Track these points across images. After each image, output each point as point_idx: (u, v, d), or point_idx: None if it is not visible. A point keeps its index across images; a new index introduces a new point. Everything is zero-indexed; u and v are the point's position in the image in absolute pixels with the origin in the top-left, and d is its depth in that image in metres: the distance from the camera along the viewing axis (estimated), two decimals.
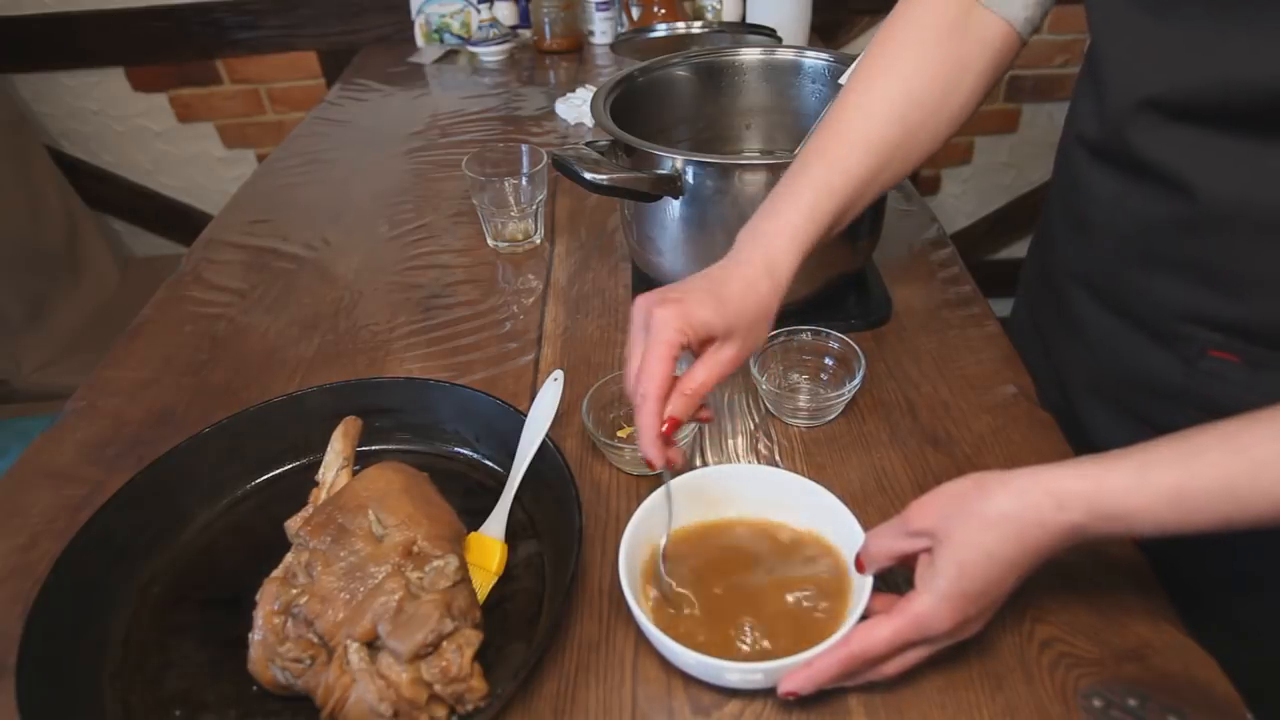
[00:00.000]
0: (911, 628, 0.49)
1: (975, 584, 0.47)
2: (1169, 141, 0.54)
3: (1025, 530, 0.46)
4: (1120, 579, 0.59)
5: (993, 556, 0.47)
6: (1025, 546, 0.47)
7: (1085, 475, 0.46)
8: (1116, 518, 0.45)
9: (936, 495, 0.50)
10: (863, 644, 0.49)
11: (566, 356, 0.83)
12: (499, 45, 1.66)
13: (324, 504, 0.59)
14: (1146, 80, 0.54)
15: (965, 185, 2.18)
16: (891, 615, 0.49)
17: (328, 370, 0.83)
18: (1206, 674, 0.53)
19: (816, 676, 0.49)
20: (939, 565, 0.48)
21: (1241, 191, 0.52)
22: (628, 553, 0.55)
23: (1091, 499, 0.45)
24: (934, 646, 0.50)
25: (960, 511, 0.48)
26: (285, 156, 1.30)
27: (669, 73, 0.92)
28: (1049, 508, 0.46)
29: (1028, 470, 0.48)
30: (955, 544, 0.48)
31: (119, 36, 1.85)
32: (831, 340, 0.76)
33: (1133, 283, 0.62)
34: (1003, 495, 0.47)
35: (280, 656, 0.52)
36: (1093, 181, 0.63)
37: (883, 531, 0.53)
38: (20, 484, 0.72)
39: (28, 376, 1.62)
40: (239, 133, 2.01)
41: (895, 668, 0.51)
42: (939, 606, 0.48)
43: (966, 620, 0.49)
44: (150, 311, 0.94)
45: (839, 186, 0.61)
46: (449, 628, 0.51)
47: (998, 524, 0.47)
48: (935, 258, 0.95)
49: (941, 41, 0.63)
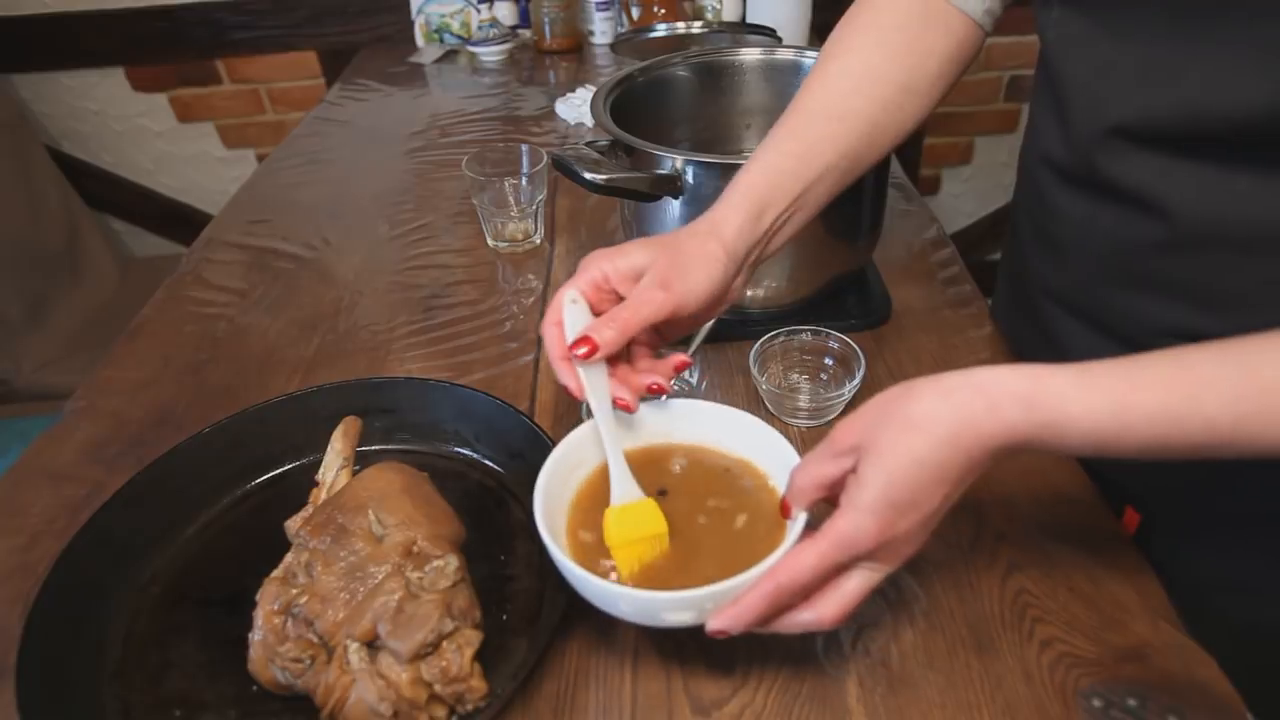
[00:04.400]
0: (835, 547, 0.45)
1: (902, 493, 0.44)
2: (1140, 166, 0.54)
3: (957, 432, 0.43)
4: (1120, 579, 0.59)
5: (920, 462, 0.43)
6: (956, 451, 0.43)
7: (1022, 375, 0.43)
8: (1053, 424, 0.42)
9: (862, 408, 0.47)
10: (788, 573, 0.45)
11: None
12: (499, 45, 1.66)
13: (324, 504, 0.59)
14: (1112, 106, 0.54)
15: (965, 185, 2.18)
16: (815, 538, 0.45)
17: (328, 370, 0.83)
18: (1206, 674, 0.53)
19: (743, 614, 0.46)
20: (863, 476, 0.45)
21: (1216, 212, 0.51)
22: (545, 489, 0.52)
23: (1027, 400, 0.42)
24: (871, 573, 0.47)
25: (887, 418, 0.45)
26: (285, 156, 1.30)
27: (669, 73, 0.92)
28: (981, 407, 0.43)
29: (963, 370, 0.45)
30: (880, 451, 0.44)
31: (119, 36, 1.85)
32: (831, 340, 0.76)
33: (1110, 301, 0.61)
34: (931, 396, 0.44)
35: (280, 656, 0.52)
36: (1062, 202, 0.63)
37: (808, 459, 0.49)
38: (20, 484, 0.72)
39: (28, 376, 1.62)
40: (239, 133, 2.01)
41: (835, 608, 0.47)
42: (862, 520, 0.44)
43: (896, 536, 0.45)
44: (150, 311, 0.94)
45: (791, 150, 0.59)
46: (449, 628, 0.51)
47: (925, 426, 0.43)
48: (935, 258, 0.95)
49: (901, 27, 0.62)
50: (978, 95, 2.03)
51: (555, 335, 0.53)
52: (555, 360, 0.53)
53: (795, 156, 0.59)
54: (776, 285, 0.82)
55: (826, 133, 0.60)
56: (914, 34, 0.62)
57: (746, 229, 0.56)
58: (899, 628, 0.57)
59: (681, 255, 0.54)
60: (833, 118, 0.60)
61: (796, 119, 0.61)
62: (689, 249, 0.55)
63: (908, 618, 0.57)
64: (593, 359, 0.52)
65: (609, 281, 0.55)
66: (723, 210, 0.57)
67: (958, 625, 0.56)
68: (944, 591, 0.59)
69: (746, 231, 0.56)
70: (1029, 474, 0.67)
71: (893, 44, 0.62)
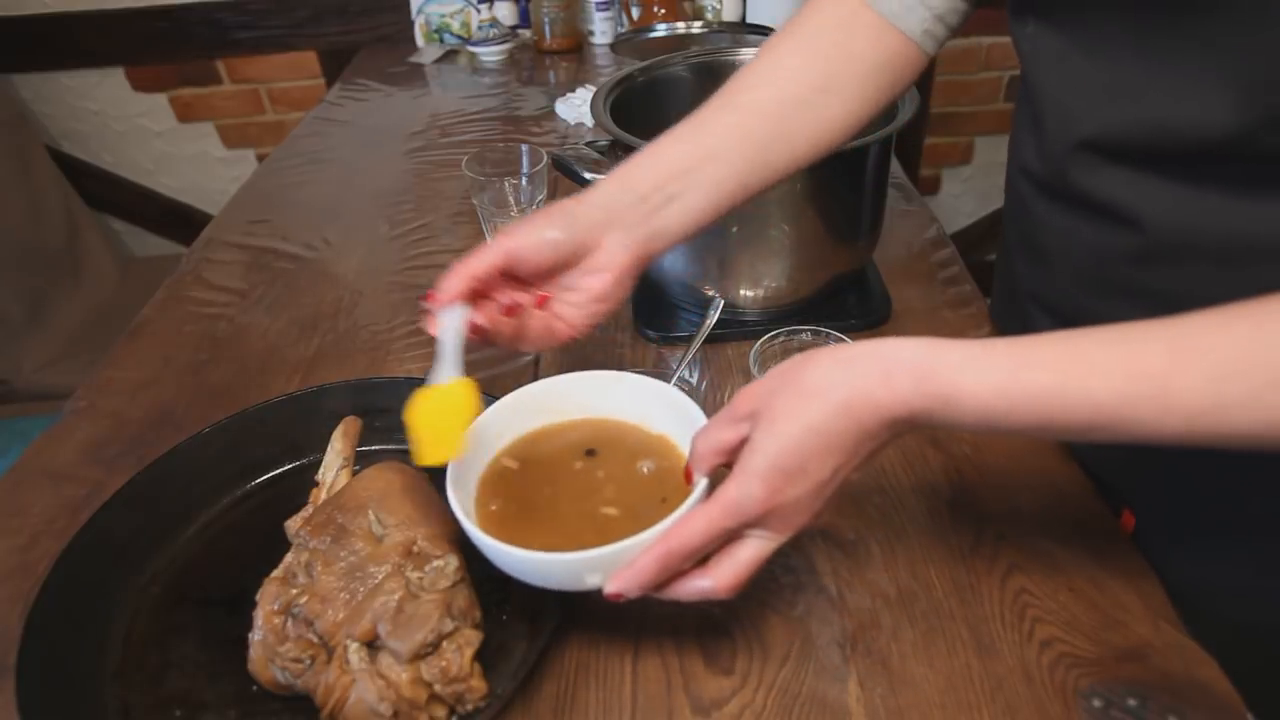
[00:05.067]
0: (724, 512, 0.45)
1: (792, 459, 0.44)
2: (1110, 179, 0.54)
3: (849, 402, 0.43)
4: (1120, 579, 0.59)
5: (812, 429, 0.43)
6: (849, 420, 0.43)
7: (921, 347, 0.43)
8: (944, 397, 0.42)
9: (765, 376, 0.47)
10: (679, 537, 0.46)
11: (566, 356, 0.83)
12: (499, 45, 1.66)
13: (324, 504, 0.59)
14: (1081, 121, 0.54)
15: (965, 185, 2.18)
16: (706, 504, 0.46)
17: (328, 370, 0.83)
18: (1206, 674, 0.53)
19: (636, 576, 0.46)
20: (755, 442, 0.45)
21: (1188, 224, 0.51)
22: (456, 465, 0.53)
23: (921, 372, 0.42)
24: (764, 542, 0.47)
25: (783, 385, 0.45)
26: (285, 156, 1.30)
27: (669, 73, 0.92)
28: (876, 377, 0.43)
29: (864, 341, 0.45)
30: (773, 417, 0.44)
31: (119, 36, 1.85)
32: (831, 340, 0.76)
33: (1091, 309, 0.61)
34: (829, 364, 0.44)
35: (280, 656, 0.52)
36: (1042, 212, 0.63)
37: (708, 426, 0.49)
38: (20, 484, 0.72)
39: (28, 376, 1.62)
40: (239, 133, 2.01)
41: (729, 576, 0.47)
42: (751, 485, 0.44)
43: (785, 503, 0.45)
44: (150, 311, 0.94)
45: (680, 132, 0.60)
46: (449, 628, 0.51)
47: (820, 393, 0.44)
48: (935, 258, 0.95)
49: (824, 32, 0.62)
50: (978, 95, 2.03)
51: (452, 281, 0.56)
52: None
53: (681, 138, 0.60)
54: (776, 285, 0.82)
55: (720, 118, 0.60)
56: (836, 39, 0.62)
57: (608, 200, 0.57)
58: (899, 628, 0.57)
59: (528, 218, 0.58)
60: (732, 107, 0.61)
61: (699, 110, 0.62)
62: (539, 213, 0.58)
63: (908, 618, 0.57)
64: (436, 305, 0.55)
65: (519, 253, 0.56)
66: (595, 184, 0.59)
67: (958, 625, 0.56)
68: (944, 591, 0.59)
69: (606, 201, 0.57)
70: (1029, 475, 0.67)
71: (811, 47, 0.62)
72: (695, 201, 0.59)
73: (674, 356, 0.82)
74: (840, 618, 0.57)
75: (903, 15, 0.61)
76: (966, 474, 0.67)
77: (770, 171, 0.61)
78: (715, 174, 0.59)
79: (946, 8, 0.61)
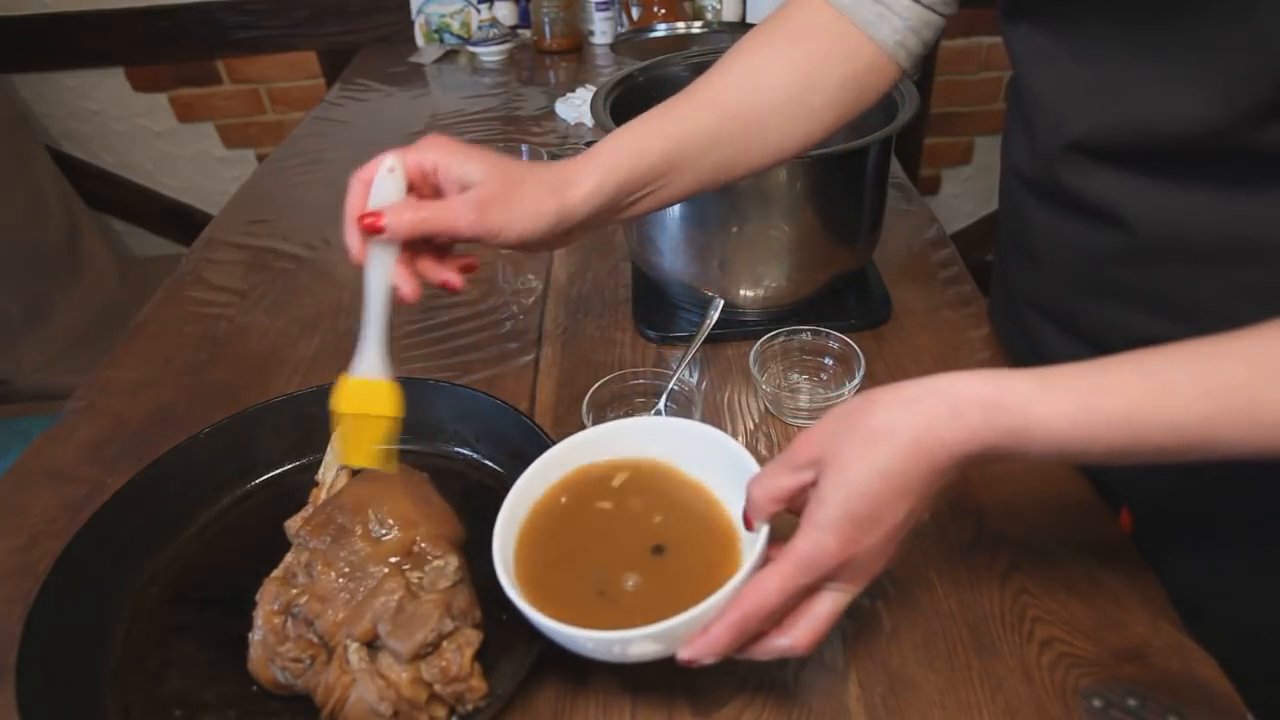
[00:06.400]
0: (797, 570, 0.43)
1: (864, 506, 0.42)
2: (1098, 179, 0.54)
3: (919, 441, 0.42)
4: (1120, 579, 0.59)
5: (883, 473, 0.42)
6: (919, 461, 0.42)
7: (984, 380, 0.42)
8: (1017, 430, 0.41)
9: (822, 420, 0.45)
10: (753, 601, 0.44)
11: (566, 356, 0.83)
12: (499, 45, 1.66)
13: (324, 504, 0.59)
14: (1069, 122, 0.54)
15: (965, 185, 2.18)
16: (778, 561, 0.44)
17: (328, 370, 0.82)
18: (1206, 674, 0.53)
19: (712, 644, 0.45)
20: (823, 492, 0.43)
21: (1175, 224, 0.51)
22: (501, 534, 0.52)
23: (989, 406, 0.41)
24: (840, 595, 0.46)
25: (847, 430, 0.43)
26: (285, 156, 1.30)
27: (669, 73, 0.92)
28: (944, 414, 0.42)
29: (923, 378, 0.43)
30: (841, 465, 0.43)
31: (119, 36, 1.85)
32: (831, 340, 0.76)
33: (1082, 309, 0.61)
34: (893, 405, 0.43)
35: (280, 656, 0.52)
36: (1032, 212, 0.63)
37: (766, 473, 0.47)
38: (20, 484, 0.72)
39: (28, 376, 1.62)
40: (239, 133, 2.01)
41: (808, 634, 0.45)
42: (823, 539, 0.43)
43: (860, 553, 0.43)
44: (150, 311, 0.94)
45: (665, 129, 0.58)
46: (449, 627, 0.51)
47: (887, 436, 0.42)
48: (935, 258, 0.95)
49: (803, 38, 0.61)
50: (978, 95, 2.03)
51: (358, 193, 0.53)
52: (348, 219, 0.52)
53: (664, 132, 0.58)
54: (776, 285, 0.82)
55: (700, 118, 0.59)
56: (814, 48, 0.61)
57: (599, 194, 0.55)
58: (899, 628, 0.57)
59: (515, 193, 0.53)
60: (712, 106, 0.59)
61: (676, 102, 0.60)
62: (525, 192, 0.53)
63: (908, 618, 0.57)
64: (375, 238, 0.52)
65: (436, 174, 0.53)
66: (581, 171, 0.55)
67: (958, 625, 0.56)
68: (944, 591, 0.59)
69: (597, 197, 0.55)
70: (1029, 475, 0.67)
71: (789, 53, 0.61)
72: (661, 199, 0.59)
73: (674, 356, 0.82)
74: (840, 619, 0.57)
75: (876, 24, 0.60)
76: (966, 474, 0.67)
77: (729, 177, 0.61)
78: (687, 178, 0.59)
79: (920, 20, 0.61)
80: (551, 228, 0.54)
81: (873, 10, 0.60)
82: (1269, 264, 0.49)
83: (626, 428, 0.58)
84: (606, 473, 0.57)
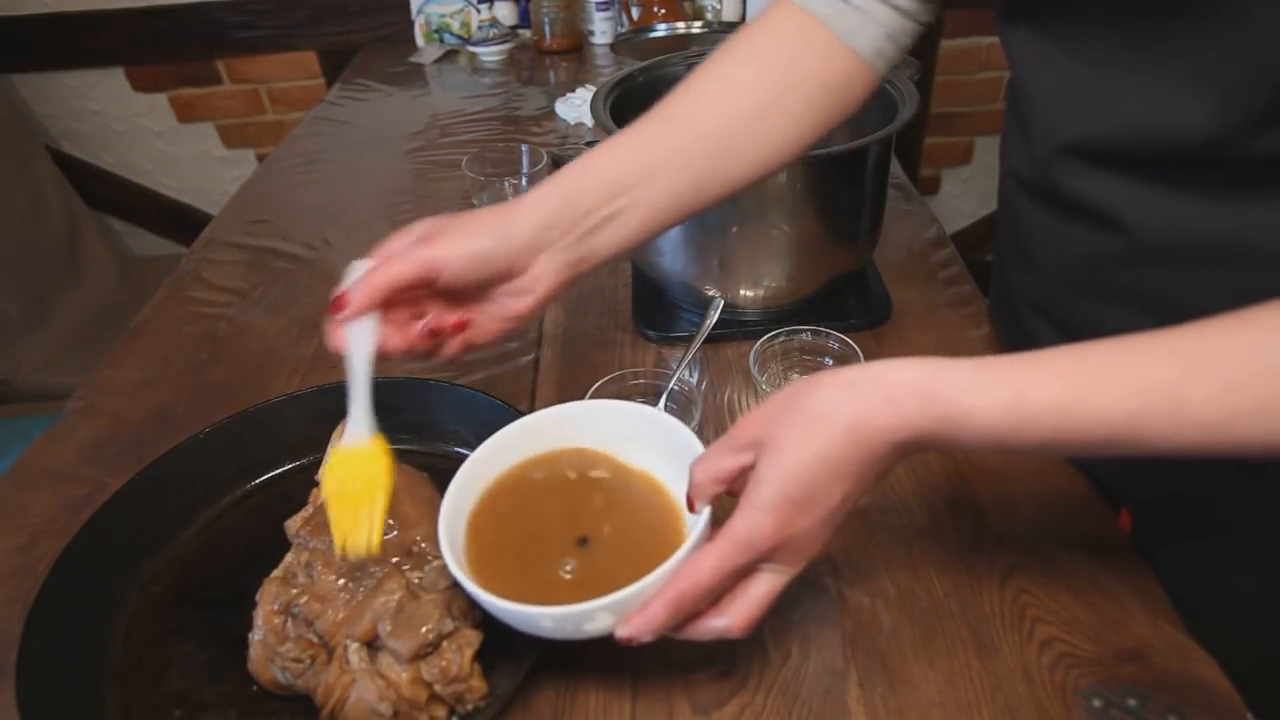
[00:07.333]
0: (734, 549, 0.44)
1: (800, 489, 0.43)
2: (1094, 183, 0.54)
3: (855, 427, 0.42)
4: (1120, 579, 0.59)
5: (819, 457, 0.43)
6: (855, 445, 0.42)
7: (922, 367, 0.43)
8: (950, 418, 0.41)
9: (765, 402, 0.46)
10: (689, 578, 0.45)
11: (566, 356, 0.83)
12: (499, 45, 1.66)
13: (324, 504, 0.59)
14: (1064, 124, 0.54)
15: (965, 185, 2.18)
16: (714, 541, 0.45)
17: (328, 370, 0.82)
18: (1206, 674, 0.53)
19: (649, 621, 0.45)
20: (761, 473, 0.44)
21: (1172, 227, 0.51)
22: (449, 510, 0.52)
23: (925, 393, 0.42)
24: (776, 575, 0.46)
25: (786, 413, 0.44)
26: (285, 156, 1.30)
27: (669, 73, 0.92)
28: (879, 400, 0.42)
29: (864, 364, 0.44)
30: (778, 447, 0.43)
31: (119, 36, 1.85)
32: (831, 340, 0.76)
33: (1079, 311, 0.61)
34: (831, 389, 0.43)
35: (280, 656, 0.52)
36: (1030, 214, 0.62)
37: (708, 454, 0.48)
38: (20, 484, 0.72)
39: (28, 376, 1.62)
40: (239, 133, 2.01)
41: (744, 614, 0.46)
42: (759, 519, 0.43)
43: (796, 535, 0.44)
44: (150, 311, 0.94)
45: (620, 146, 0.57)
46: (449, 627, 0.51)
47: (824, 419, 0.43)
48: (935, 258, 0.95)
49: (778, 47, 0.60)
50: (978, 95, 2.03)
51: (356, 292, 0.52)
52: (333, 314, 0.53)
53: (625, 152, 0.57)
54: (776, 285, 0.82)
55: (666, 133, 0.58)
56: (788, 56, 0.60)
57: (547, 217, 0.54)
58: (899, 628, 0.57)
59: (457, 223, 0.54)
60: (679, 120, 0.58)
61: (642, 120, 0.59)
62: (468, 220, 0.54)
63: (908, 618, 0.57)
64: (345, 316, 0.52)
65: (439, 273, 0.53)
66: (530, 195, 0.56)
67: (958, 625, 0.56)
68: (944, 592, 0.59)
69: (545, 219, 0.54)
70: (1029, 475, 0.67)
71: (762, 63, 0.60)
72: (633, 222, 0.57)
73: (674, 356, 0.82)
74: (840, 618, 0.57)
75: (855, 33, 0.59)
76: (966, 474, 0.67)
77: (709, 194, 0.59)
78: (656, 195, 0.57)
79: (898, 27, 0.60)
80: (491, 248, 0.53)
81: (852, 18, 0.59)
82: (1266, 267, 0.49)
83: (570, 412, 0.59)
84: (553, 457, 0.58)
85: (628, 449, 0.58)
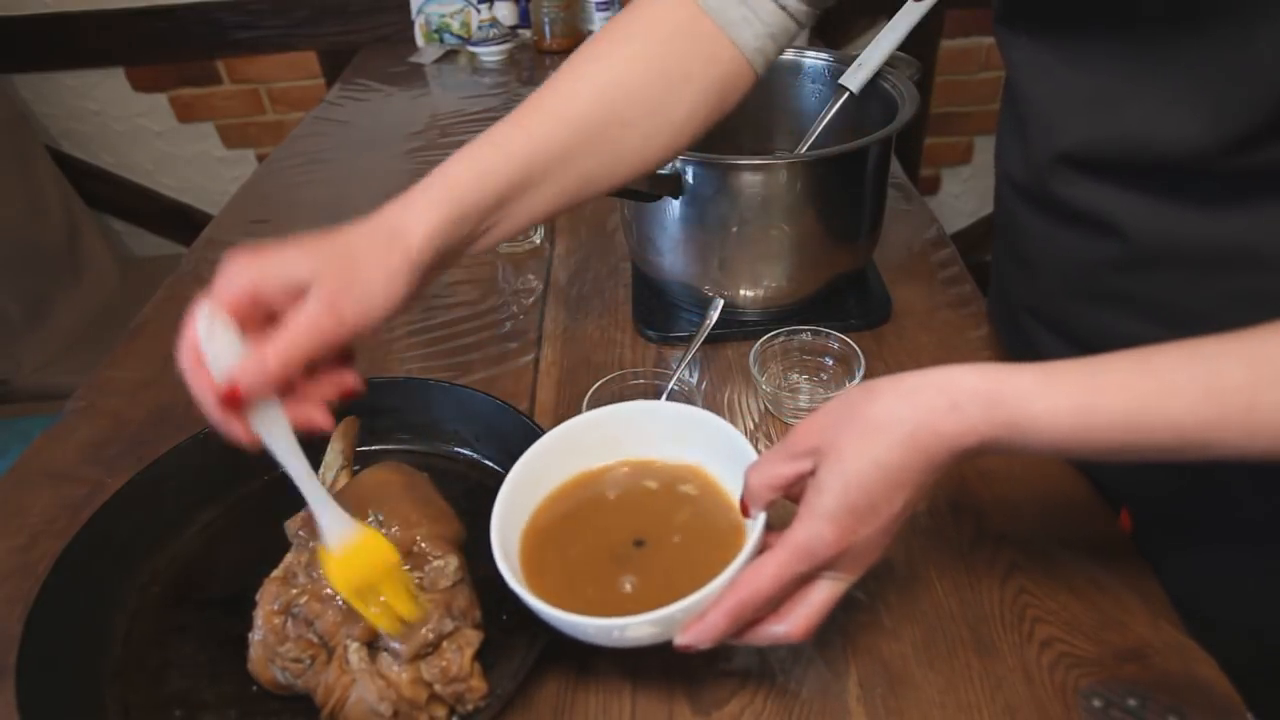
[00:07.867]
0: (794, 557, 0.44)
1: (861, 497, 0.43)
2: (1090, 190, 0.54)
3: (917, 434, 0.42)
4: (1120, 579, 0.59)
5: (880, 464, 0.42)
6: (916, 452, 0.42)
7: (984, 374, 0.42)
8: (1015, 424, 0.41)
9: (822, 410, 0.45)
10: (749, 587, 0.44)
11: (566, 356, 0.83)
12: (499, 45, 1.66)
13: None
14: (1061, 132, 0.54)
15: (965, 185, 2.18)
16: (774, 549, 0.44)
17: None
18: (1206, 674, 0.53)
19: (709, 629, 0.45)
20: (822, 482, 0.43)
21: (1170, 233, 0.51)
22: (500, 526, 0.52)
23: (989, 399, 0.41)
24: (836, 583, 0.46)
25: (845, 420, 0.43)
26: (285, 156, 1.30)
27: None
28: (942, 407, 0.41)
29: (923, 370, 0.43)
30: (839, 455, 0.43)
31: (119, 36, 1.85)
32: (831, 340, 0.76)
33: (1077, 315, 0.61)
34: (892, 396, 0.43)
35: (280, 656, 0.52)
36: (1026, 219, 0.62)
37: (764, 460, 0.48)
38: (20, 484, 0.72)
39: (28, 376, 1.62)
40: (239, 133, 2.01)
41: (803, 621, 0.46)
42: (821, 528, 0.43)
43: (857, 543, 0.44)
44: (150, 311, 0.94)
45: (517, 149, 0.53)
46: (449, 627, 0.51)
47: (886, 428, 0.42)
48: (935, 258, 0.95)
49: (664, 41, 0.57)
50: (978, 95, 2.03)
51: (201, 379, 0.44)
52: (209, 410, 0.45)
53: (509, 152, 0.53)
54: (776, 285, 0.82)
55: (550, 133, 0.54)
56: (674, 55, 0.57)
57: (443, 232, 0.50)
58: (899, 628, 0.57)
59: (356, 269, 0.47)
60: (561, 119, 0.54)
61: (522, 114, 0.55)
62: (366, 261, 0.47)
63: (908, 618, 0.57)
64: (246, 409, 0.45)
65: (259, 296, 0.46)
66: (417, 207, 0.50)
67: (958, 625, 0.56)
68: (944, 592, 0.59)
69: (441, 235, 0.50)
70: (1029, 475, 0.67)
71: (647, 57, 0.57)
72: (517, 223, 0.55)
73: (674, 356, 0.82)
74: (841, 618, 0.57)
75: (740, 26, 0.57)
76: (967, 475, 0.67)
77: (582, 197, 0.57)
78: (541, 200, 0.54)
79: (780, 26, 0.59)
80: (408, 289, 0.49)
81: (738, 11, 0.57)
82: (1264, 272, 0.49)
83: (626, 412, 0.58)
84: (608, 465, 0.58)
85: (683, 451, 0.57)
